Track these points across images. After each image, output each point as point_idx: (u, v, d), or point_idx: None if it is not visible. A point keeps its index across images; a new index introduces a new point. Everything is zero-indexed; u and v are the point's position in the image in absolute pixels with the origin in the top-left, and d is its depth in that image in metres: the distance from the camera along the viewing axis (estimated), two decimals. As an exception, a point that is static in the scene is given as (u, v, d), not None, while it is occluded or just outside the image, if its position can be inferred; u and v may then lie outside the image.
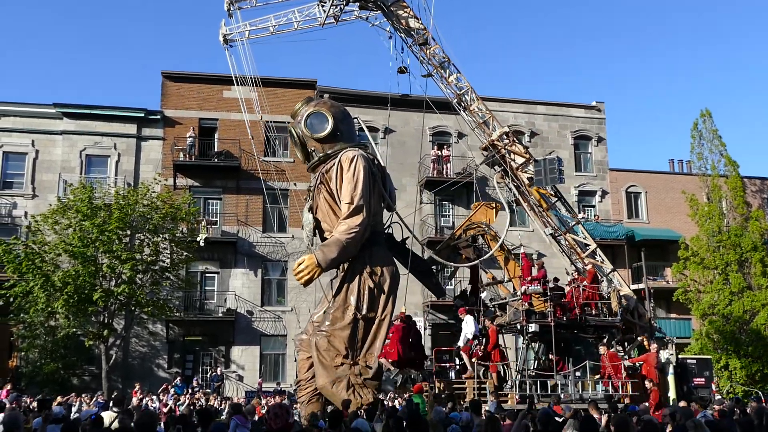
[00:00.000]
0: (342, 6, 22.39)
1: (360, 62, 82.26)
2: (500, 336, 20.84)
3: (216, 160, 32.15)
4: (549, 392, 19.11)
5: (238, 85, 23.01)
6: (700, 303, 31.78)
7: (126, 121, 32.31)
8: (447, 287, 29.89)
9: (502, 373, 20.24)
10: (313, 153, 16.21)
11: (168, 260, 28.09)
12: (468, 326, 20.37)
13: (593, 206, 36.32)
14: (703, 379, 24.25)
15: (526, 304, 20.37)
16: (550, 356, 20.26)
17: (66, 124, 31.76)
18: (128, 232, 27.14)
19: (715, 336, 30.94)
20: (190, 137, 31.74)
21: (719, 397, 25.67)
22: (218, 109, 32.80)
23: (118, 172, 31.57)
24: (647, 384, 19.50)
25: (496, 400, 16.91)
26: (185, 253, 28.61)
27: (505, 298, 21.97)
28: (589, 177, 36.60)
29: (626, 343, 22.06)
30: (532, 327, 19.93)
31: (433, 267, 20.92)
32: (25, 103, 32.00)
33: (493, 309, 22.39)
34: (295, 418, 12.33)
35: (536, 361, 21.31)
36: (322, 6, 22.37)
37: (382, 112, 27.55)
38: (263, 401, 20.89)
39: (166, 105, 32.84)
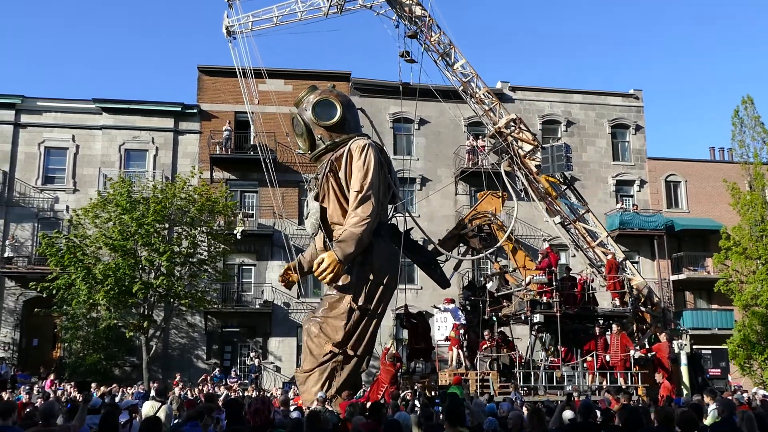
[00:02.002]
0: None
1: (371, 53, 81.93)
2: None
3: (252, 153, 32.34)
4: (555, 384, 18.92)
5: (241, 77, 22.87)
6: (742, 294, 31.13)
7: (163, 115, 32.71)
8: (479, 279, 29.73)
9: (509, 363, 20.14)
10: (320, 141, 16.09)
11: (205, 253, 28.40)
12: (453, 316, 20.26)
13: (631, 196, 35.80)
14: (719, 370, 23.85)
15: (539, 293, 20.18)
16: (559, 347, 20.08)
17: (105, 119, 32.25)
18: (166, 225, 27.52)
19: (759, 327, 30.31)
20: (226, 131, 32.01)
21: (762, 390, 25.13)
22: (253, 102, 32.93)
23: (156, 166, 31.98)
24: (657, 376, 19.14)
25: (515, 391, 16.69)
26: (222, 246, 28.89)
27: (510, 288, 21.80)
28: (627, 166, 36.08)
29: (640, 333, 21.81)
30: (537, 317, 19.75)
31: (438, 258, 20.76)
32: (66, 99, 32.57)
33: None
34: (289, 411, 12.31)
35: (545, 352, 21.07)
36: None
37: (416, 103, 27.34)
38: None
39: (203, 99, 33.13)
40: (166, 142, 32.48)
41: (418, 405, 12.76)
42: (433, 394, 17.92)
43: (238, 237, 29.14)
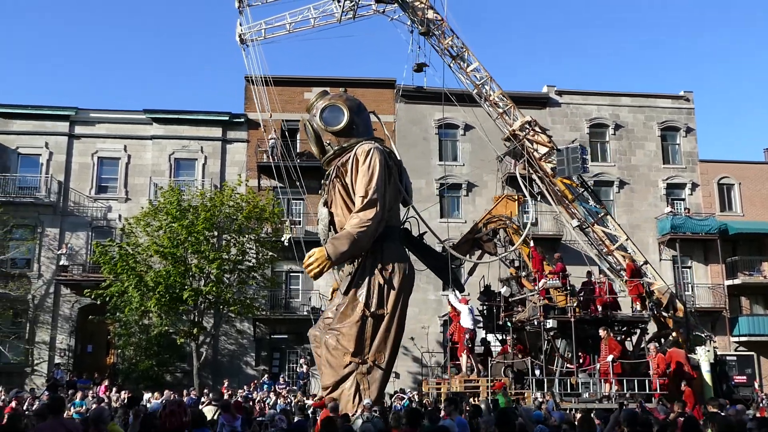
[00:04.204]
0: (357, 0, 22.23)
1: (395, 57, 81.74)
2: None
3: (298, 161, 32.56)
4: (570, 390, 18.47)
5: (254, 84, 22.98)
6: (801, 299, 30.28)
7: (211, 124, 33.22)
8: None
9: (524, 369, 19.80)
10: (329, 146, 15.94)
11: (254, 260, 28.68)
12: (463, 319, 19.88)
13: (683, 199, 35.04)
14: (745, 378, 23.12)
15: (543, 299, 19.81)
16: (578, 353, 19.63)
17: (155, 129, 32.89)
18: (215, 233, 27.88)
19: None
20: (271, 139, 32.28)
21: None
22: (300, 111, 33.18)
23: (204, 175, 32.48)
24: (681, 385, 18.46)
25: (552, 399, 16.37)
26: (270, 253, 29.13)
27: (524, 293, 21.44)
28: (678, 169, 35.36)
29: (662, 339, 21.26)
30: (550, 323, 19.35)
31: (453, 263, 20.50)
32: (117, 110, 33.38)
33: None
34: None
35: (559, 359, 20.59)
36: (338, 1, 22.23)
37: (461, 108, 27.39)
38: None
39: (250, 108, 33.47)
40: (215, 150, 32.98)
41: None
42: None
43: (285, 244, 29.36)
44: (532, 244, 22.13)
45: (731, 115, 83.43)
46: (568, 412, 15.30)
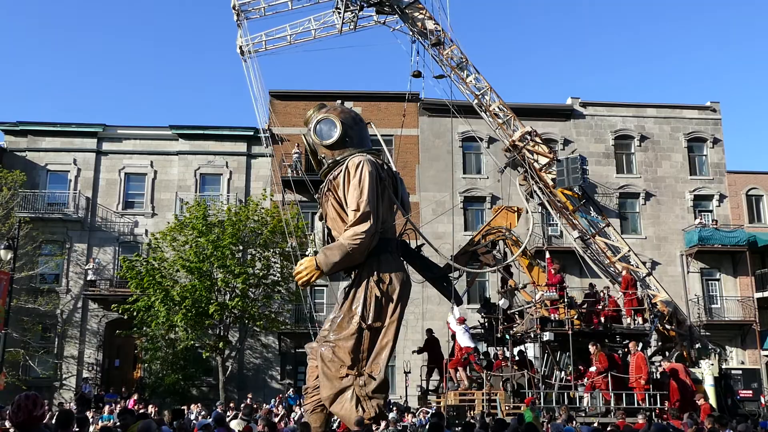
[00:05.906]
0: (357, 11, 22.28)
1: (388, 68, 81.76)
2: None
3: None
4: (567, 404, 18.18)
5: (253, 94, 22.99)
6: (833, 312, 29.71)
7: (237, 140, 33.52)
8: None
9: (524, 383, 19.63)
10: (323, 160, 15.99)
11: (278, 274, 28.79)
12: (459, 337, 19.76)
13: (710, 211, 34.61)
14: (751, 392, 22.65)
15: (545, 310, 19.57)
16: (578, 366, 19.37)
17: (181, 145, 33.24)
18: (240, 248, 28.04)
19: None
20: (295, 153, 32.46)
21: None
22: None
23: (230, 190, 32.74)
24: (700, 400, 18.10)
25: (567, 414, 16.14)
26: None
27: (522, 306, 21.23)
28: (705, 180, 34.97)
29: (666, 352, 20.91)
30: (546, 335, 19.14)
31: (451, 275, 20.35)
32: (144, 126, 33.78)
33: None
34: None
35: (559, 372, 20.26)
36: (339, 12, 22.30)
37: (482, 122, 27.34)
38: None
39: (274, 123, 33.77)
40: (240, 165, 33.26)
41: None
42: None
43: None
44: (548, 255, 22.01)
45: (759, 125, 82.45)
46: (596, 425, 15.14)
